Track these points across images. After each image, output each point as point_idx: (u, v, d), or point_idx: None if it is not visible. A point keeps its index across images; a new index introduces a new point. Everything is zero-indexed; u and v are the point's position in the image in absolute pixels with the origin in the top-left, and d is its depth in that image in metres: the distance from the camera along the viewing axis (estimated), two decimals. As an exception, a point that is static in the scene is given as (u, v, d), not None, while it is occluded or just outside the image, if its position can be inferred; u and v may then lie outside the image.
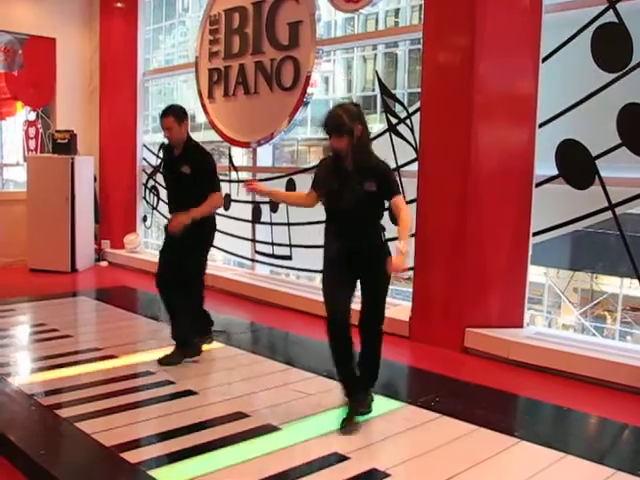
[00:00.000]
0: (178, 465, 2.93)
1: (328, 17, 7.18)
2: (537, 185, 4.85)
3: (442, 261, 5.11)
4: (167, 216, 4.85)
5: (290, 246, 6.72)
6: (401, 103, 5.88)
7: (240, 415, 3.50)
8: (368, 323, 3.50)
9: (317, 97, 6.87)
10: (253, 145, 7.17)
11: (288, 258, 6.80)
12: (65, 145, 8.09)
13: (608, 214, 4.52)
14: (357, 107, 3.50)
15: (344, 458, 3.04)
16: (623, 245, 4.46)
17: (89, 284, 7.64)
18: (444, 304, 5.11)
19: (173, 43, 9.86)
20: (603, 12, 4.45)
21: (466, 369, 4.70)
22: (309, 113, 6.76)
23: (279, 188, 6.72)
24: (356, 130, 3.36)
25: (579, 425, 3.72)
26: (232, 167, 7.42)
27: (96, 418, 3.39)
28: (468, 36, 4.88)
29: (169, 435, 3.23)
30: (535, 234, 4.91)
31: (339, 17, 8.04)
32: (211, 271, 7.35)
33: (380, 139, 5.89)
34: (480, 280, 4.97)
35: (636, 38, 4.31)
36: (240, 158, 8.04)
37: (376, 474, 2.90)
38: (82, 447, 3.16)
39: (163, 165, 4.82)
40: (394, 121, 5.73)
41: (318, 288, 3.90)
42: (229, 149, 7.62)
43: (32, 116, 9.07)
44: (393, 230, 3.37)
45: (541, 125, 4.81)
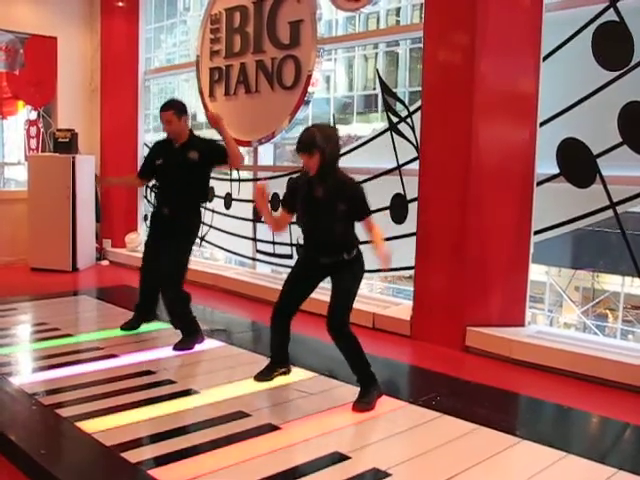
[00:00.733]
0: (178, 465, 2.92)
1: (329, 16, 7.17)
2: (538, 184, 4.85)
3: (443, 260, 5.11)
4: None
5: (291, 245, 6.71)
6: (402, 102, 5.88)
7: (241, 414, 3.50)
8: (331, 319, 3.58)
9: (318, 96, 6.87)
10: (254, 144, 7.17)
11: (289, 257, 6.80)
12: (66, 144, 8.09)
13: (609, 212, 4.51)
14: (333, 129, 3.63)
15: (345, 457, 3.03)
16: (624, 243, 4.45)
17: (90, 283, 7.64)
18: (445, 303, 5.10)
19: (174, 42, 9.84)
20: (604, 11, 4.44)
21: (467, 368, 4.69)
22: (310, 112, 6.75)
23: (280, 188, 6.74)
24: (327, 153, 3.43)
25: (580, 424, 3.72)
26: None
27: (97, 417, 3.38)
28: (469, 35, 4.87)
29: (170, 434, 3.23)
30: (536, 232, 4.91)
31: (340, 16, 8.02)
32: (212, 270, 7.40)
33: (381, 138, 5.91)
34: (481, 279, 4.96)
35: (637, 37, 4.31)
36: (241, 157, 8.03)
37: (377, 473, 2.90)
38: (83, 447, 3.16)
39: (158, 158, 4.81)
40: (395, 120, 5.72)
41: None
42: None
43: (33, 115, 9.06)
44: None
45: (542, 124, 4.80)
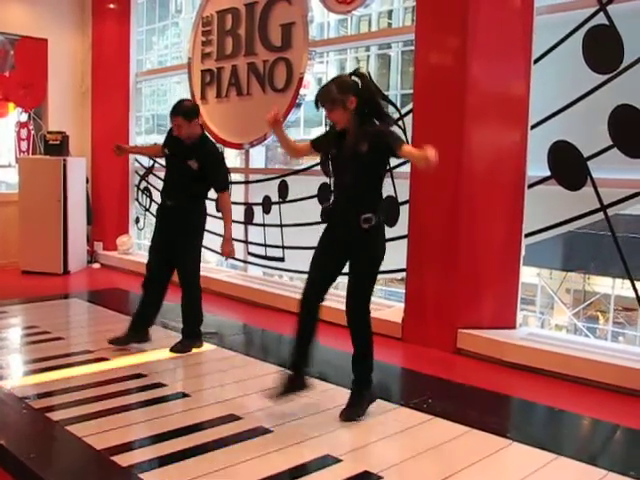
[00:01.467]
0: (169, 468, 2.91)
1: (321, 18, 7.18)
2: (529, 186, 4.86)
3: (435, 262, 5.11)
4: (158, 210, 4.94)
5: (283, 247, 6.71)
6: (394, 104, 5.88)
7: (232, 417, 3.49)
8: (352, 302, 3.49)
9: (310, 98, 6.87)
10: (246, 146, 7.16)
11: (281, 260, 6.79)
12: (57, 146, 8.06)
13: (600, 215, 4.53)
14: (357, 77, 3.37)
15: (336, 460, 3.02)
16: (615, 246, 4.47)
17: (81, 286, 7.61)
18: (437, 305, 5.11)
19: (166, 44, 9.83)
20: (594, 14, 4.46)
21: (459, 370, 4.69)
22: (302, 114, 6.75)
23: (271, 191, 6.74)
24: (348, 102, 3.28)
25: (572, 426, 3.72)
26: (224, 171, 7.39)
27: (87, 421, 3.36)
28: (460, 37, 4.88)
29: (160, 438, 3.22)
30: (527, 235, 4.92)
31: (332, 18, 8.04)
32: (203, 273, 7.34)
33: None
34: (473, 281, 4.97)
35: (627, 40, 4.33)
36: (233, 159, 8.03)
37: (368, 476, 2.89)
38: (73, 450, 3.14)
39: (169, 148, 4.79)
40: (387, 122, 5.72)
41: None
42: (222, 150, 7.60)
43: (24, 117, 9.02)
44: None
45: (533, 126, 4.82)
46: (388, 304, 5.93)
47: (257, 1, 6.78)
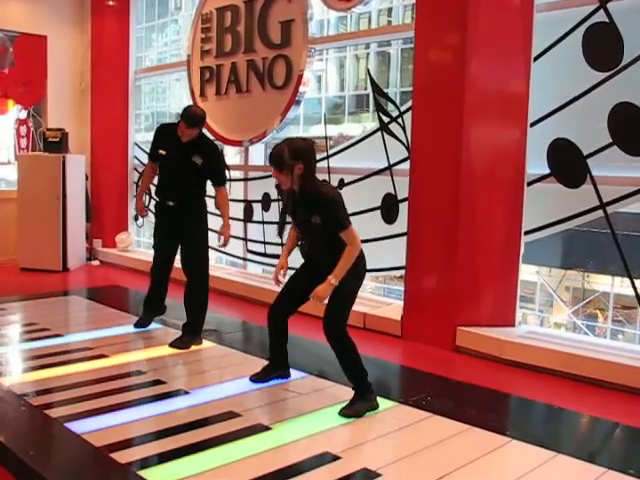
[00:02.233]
0: (168, 465, 2.91)
1: (320, 16, 7.16)
2: (529, 184, 4.86)
3: (434, 260, 5.11)
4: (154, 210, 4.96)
5: (282, 245, 6.68)
6: (393, 102, 5.88)
7: (231, 415, 3.49)
8: (324, 321, 3.55)
9: (309, 96, 6.86)
10: (245, 144, 7.15)
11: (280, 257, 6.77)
12: (56, 143, 8.06)
13: (599, 213, 4.53)
14: (306, 143, 3.56)
15: (335, 458, 3.03)
16: (614, 244, 4.47)
17: (80, 283, 7.60)
18: (436, 303, 5.10)
19: (165, 41, 9.80)
20: (594, 12, 4.46)
21: (458, 368, 4.70)
22: (301, 112, 6.75)
23: (271, 188, 6.72)
24: (296, 169, 3.43)
25: (570, 424, 3.72)
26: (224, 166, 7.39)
27: (86, 418, 3.37)
28: (460, 35, 4.88)
29: (159, 435, 3.22)
30: (527, 233, 4.92)
31: (331, 16, 8.02)
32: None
33: (372, 138, 5.91)
34: (472, 279, 4.97)
35: (626, 37, 4.32)
36: (232, 157, 8.02)
37: (367, 474, 2.89)
38: (72, 448, 3.14)
39: (165, 149, 4.80)
40: (386, 120, 5.72)
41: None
42: (221, 148, 7.60)
43: (23, 114, 9.00)
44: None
45: (533, 124, 4.81)
46: (387, 302, 5.93)
47: (257, -2, 6.78)
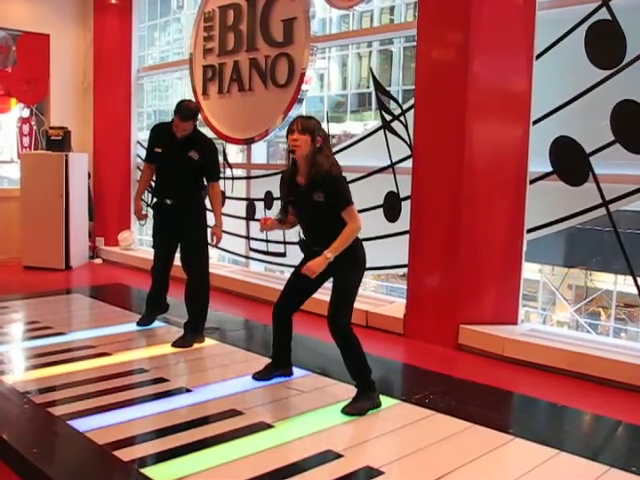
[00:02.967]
0: (171, 463, 2.91)
1: (323, 14, 7.17)
2: (531, 182, 4.86)
3: (436, 258, 5.11)
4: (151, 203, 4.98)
5: (284, 243, 6.71)
6: (395, 100, 5.88)
7: (234, 412, 3.49)
8: (328, 318, 3.54)
9: (312, 94, 6.87)
10: (248, 142, 7.15)
11: (282, 255, 6.79)
12: (59, 142, 8.06)
13: (602, 211, 4.53)
14: (318, 123, 3.62)
15: (338, 455, 3.03)
16: (617, 242, 4.46)
17: (83, 281, 7.62)
18: (438, 301, 5.10)
19: (168, 40, 9.82)
20: (596, 9, 4.45)
21: (460, 366, 4.70)
22: (304, 110, 6.75)
23: (273, 186, 6.72)
24: (318, 139, 3.52)
25: (573, 422, 3.72)
26: (227, 164, 7.40)
27: (89, 416, 3.37)
28: (462, 33, 4.87)
29: (162, 433, 3.22)
30: (529, 231, 4.92)
31: (334, 14, 8.02)
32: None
33: (374, 136, 5.91)
34: (474, 277, 4.97)
35: (629, 35, 4.32)
36: (235, 155, 8.03)
37: (370, 471, 2.89)
38: (75, 445, 3.14)
39: (162, 147, 4.81)
40: (388, 118, 5.72)
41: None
42: (224, 146, 7.60)
43: (26, 113, 9.03)
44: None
45: (535, 122, 4.81)
46: (390, 300, 5.93)
47: (259, -4, 6.78)
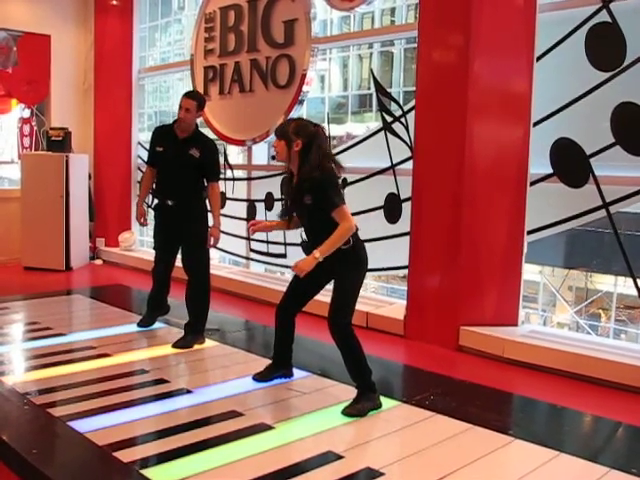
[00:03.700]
0: (171, 464, 2.92)
1: (324, 15, 7.17)
2: (532, 183, 4.86)
3: (437, 259, 5.11)
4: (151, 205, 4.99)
5: (285, 244, 6.71)
6: (396, 101, 5.88)
7: (234, 414, 3.50)
8: (329, 319, 3.54)
9: (312, 95, 6.87)
10: (248, 143, 7.16)
11: (283, 256, 6.79)
12: (60, 143, 8.07)
13: (602, 213, 4.53)
14: (314, 127, 3.59)
15: (338, 457, 3.03)
16: (617, 243, 4.46)
17: (83, 282, 7.62)
18: (439, 302, 5.10)
19: (169, 41, 9.81)
20: (597, 12, 4.45)
21: (461, 367, 4.70)
22: (304, 111, 6.75)
23: (274, 187, 6.74)
24: (294, 144, 3.52)
25: (573, 423, 3.72)
26: (227, 165, 7.41)
27: (89, 417, 3.37)
28: (463, 35, 4.88)
29: (162, 434, 3.22)
30: (530, 232, 4.92)
31: (335, 15, 8.02)
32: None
33: (375, 137, 5.91)
34: (475, 278, 4.97)
35: (629, 37, 4.32)
36: (235, 156, 8.03)
37: (370, 472, 2.90)
38: (75, 446, 3.15)
39: (163, 146, 4.84)
40: (389, 119, 5.73)
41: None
42: (224, 147, 7.61)
43: (27, 113, 9.04)
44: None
45: (536, 124, 4.81)
46: (390, 301, 5.93)
47: (260, -3, 6.78)
